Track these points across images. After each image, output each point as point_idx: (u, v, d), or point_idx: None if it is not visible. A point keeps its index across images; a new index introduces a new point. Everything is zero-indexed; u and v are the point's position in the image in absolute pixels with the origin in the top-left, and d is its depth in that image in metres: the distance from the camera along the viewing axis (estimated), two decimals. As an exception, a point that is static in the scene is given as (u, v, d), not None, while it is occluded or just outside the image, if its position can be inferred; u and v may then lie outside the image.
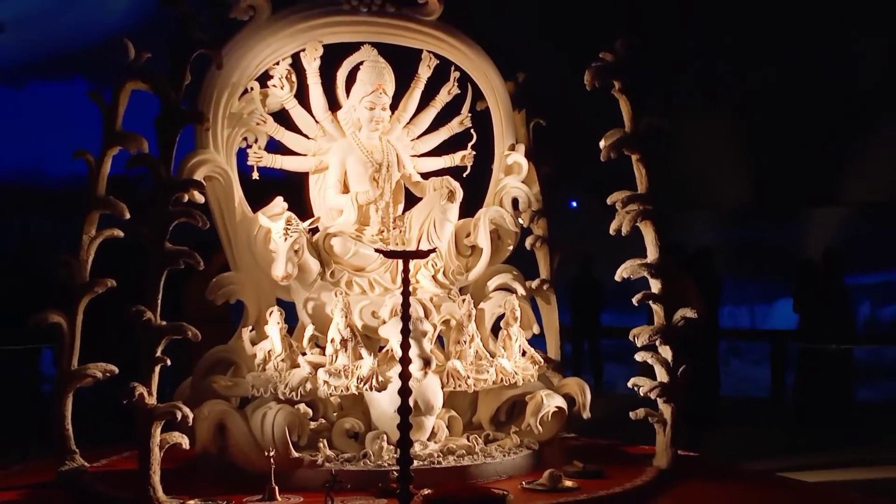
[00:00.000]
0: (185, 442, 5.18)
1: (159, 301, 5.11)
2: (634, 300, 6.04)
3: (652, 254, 6.08)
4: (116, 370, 5.77)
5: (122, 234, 5.86)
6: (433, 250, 5.72)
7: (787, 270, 12.48)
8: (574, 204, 18.90)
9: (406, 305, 4.28)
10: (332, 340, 5.68)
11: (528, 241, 6.90)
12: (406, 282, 4.23)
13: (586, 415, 6.36)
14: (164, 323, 5.09)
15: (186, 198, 5.35)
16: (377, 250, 5.40)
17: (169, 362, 5.11)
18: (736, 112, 17.73)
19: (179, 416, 5.06)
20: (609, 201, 6.10)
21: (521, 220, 6.72)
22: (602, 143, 6.10)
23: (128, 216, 5.71)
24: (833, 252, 11.13)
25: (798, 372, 11.01)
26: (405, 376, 4.31)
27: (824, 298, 10.78)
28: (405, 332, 4.31)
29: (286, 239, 5.77)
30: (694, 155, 16.04)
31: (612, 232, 6.10)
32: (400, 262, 5.88)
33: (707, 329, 8.96)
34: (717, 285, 11.05)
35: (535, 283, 6.83)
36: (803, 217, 18.61)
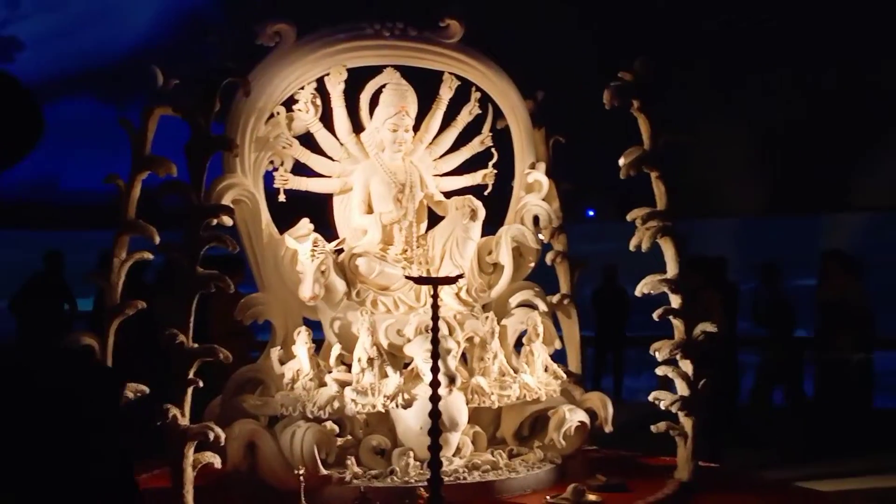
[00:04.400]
0: (216, 461, 5.31)
1: (191, 324, 5.25)
2: (655, 315, 6.15)
3: (672, 269, 6.19)
4: (147, 390, 5.91)
5: (151, 256, 6.01)
6: (461, 276, 5.85)
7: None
8: (591, 213, 18.96)
9: (436, 330, 4.41)
10: (359, 359, 5.81)
11: (549, 257, 7.01)
12: (435, 307, 4.35)
13: (608, 429, 6.47)
14: (196, 345, 5.24)
15: (215, 221, 5.49)
16: (408, 277, 5.53)
17: (201, 384, 5.26)
18: (751, 117, 17.82)
19: (212, 436, 5.20)
20: (629, 218, 6.22)
21: (541, 237, 6.83)
22: (621, 161, 6.22)
23: (158, 240, 5.86)
24: (843, 256, 11.09)
25: (816, 381, 11.04)
26: (435, 398, 4.43)
27: (845, 303, 10.76)
28: (435, 356, 4.43)
29: (313, 260, 5.91)
30: (709, 162, 16.13)
31: (631, 248, 6.22)
32: (424, 280, 6.04)
33: (726, 339, 9.04)
34: (734, 295, 11.09)
35: (555, 298, 6.95)
36: (818, 223, 18.66)
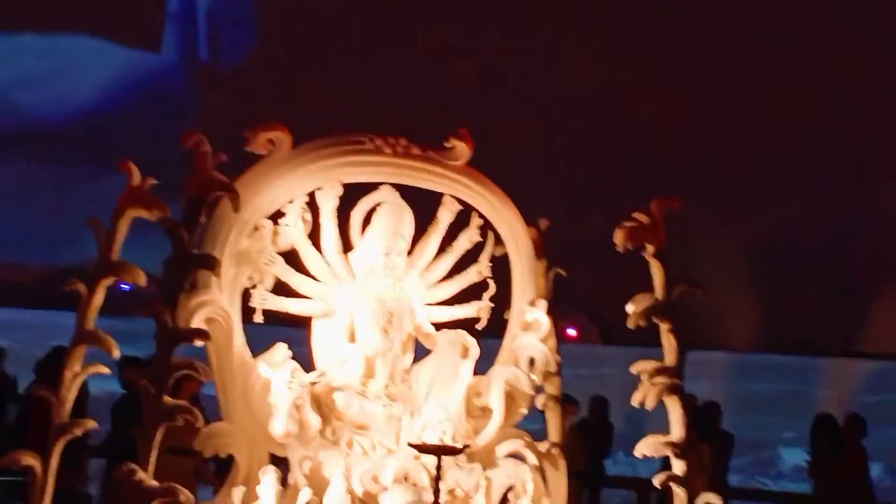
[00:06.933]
0: None
1: (153, 460, 5.20)
2: (656, 482, 6.18)
3: (677, 432, 6.23)
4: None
5: (108, 370, 5.97)
6: (467, 447, 5.95)
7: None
8: (572, 331, 19.12)
9: None
10: (330, 506, 5.77)
11: (540, 402, 6.99)
12: (437, 479, 4.38)
13: None
14: (157, 484, 5.18)
15: None
16: (410, 444, 5.66)
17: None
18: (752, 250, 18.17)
19: None
20: (634, 371, 6.29)
21: (534, 378, 6.84)
22: (630, 309, 6.30)
23: (117, 353, 5.83)
24: (855, 416, 11.17)
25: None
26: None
27: (845, 465, 10.78)
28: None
29: (289, 392, 5.89)
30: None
31: (635, 405, 6.27)
32: (405, 419, 6.10)
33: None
34: (728, 444, 11.15)
35: (544, 447, 6.93)
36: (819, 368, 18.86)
